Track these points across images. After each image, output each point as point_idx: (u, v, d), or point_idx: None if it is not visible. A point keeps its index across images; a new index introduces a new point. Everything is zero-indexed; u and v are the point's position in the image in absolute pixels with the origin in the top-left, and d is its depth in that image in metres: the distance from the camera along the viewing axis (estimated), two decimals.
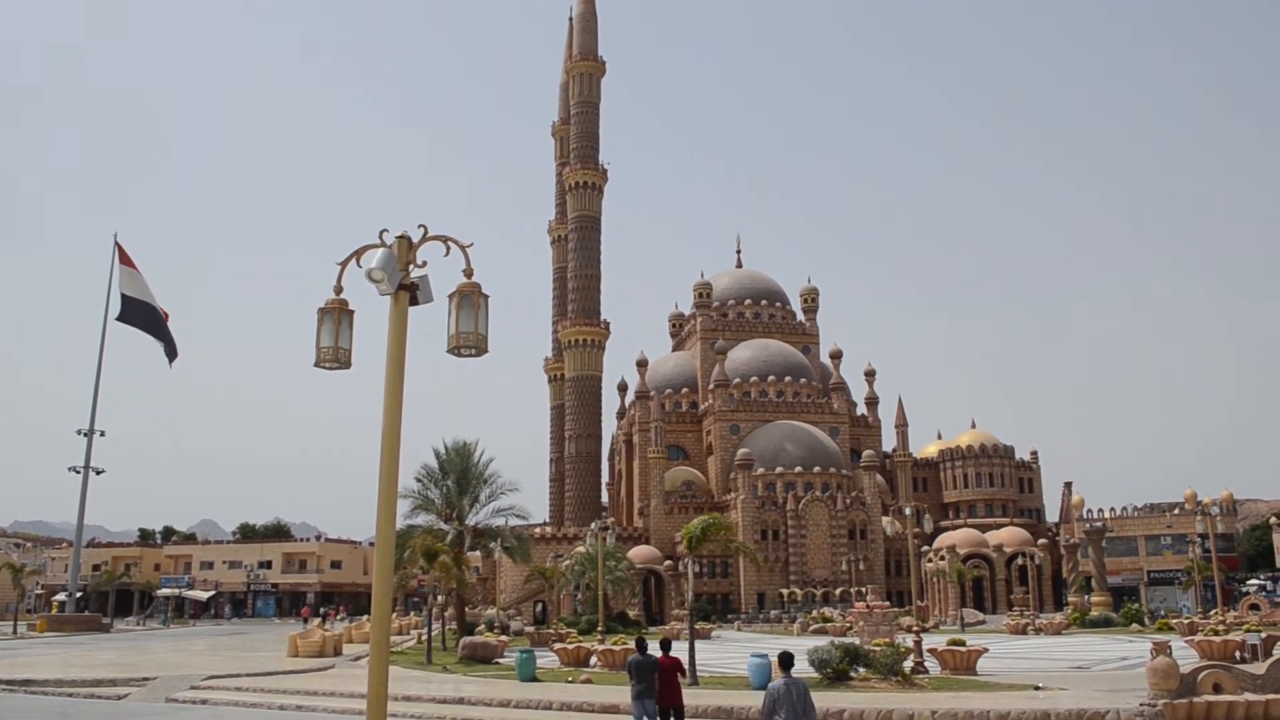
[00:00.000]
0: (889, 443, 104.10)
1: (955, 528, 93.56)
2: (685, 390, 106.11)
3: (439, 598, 49.78)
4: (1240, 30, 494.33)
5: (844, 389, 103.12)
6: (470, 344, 8.73)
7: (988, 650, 30.75)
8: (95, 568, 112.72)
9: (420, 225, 8.92)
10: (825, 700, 21.08)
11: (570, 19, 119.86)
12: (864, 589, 77.32)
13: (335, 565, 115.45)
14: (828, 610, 68.84)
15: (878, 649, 25.94)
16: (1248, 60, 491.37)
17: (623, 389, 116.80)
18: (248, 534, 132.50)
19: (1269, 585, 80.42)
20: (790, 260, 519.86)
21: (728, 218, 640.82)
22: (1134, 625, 55.38)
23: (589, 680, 27.59)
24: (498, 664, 34.81)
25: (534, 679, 28.09)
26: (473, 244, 8.99)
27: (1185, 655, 28.34)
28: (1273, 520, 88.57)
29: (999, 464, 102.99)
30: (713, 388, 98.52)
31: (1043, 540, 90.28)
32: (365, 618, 70.70)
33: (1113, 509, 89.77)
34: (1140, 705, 18.42)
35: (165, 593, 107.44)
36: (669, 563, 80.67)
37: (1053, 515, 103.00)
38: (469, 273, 8.89)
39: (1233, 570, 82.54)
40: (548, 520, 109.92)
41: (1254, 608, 55.81)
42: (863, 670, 25.07)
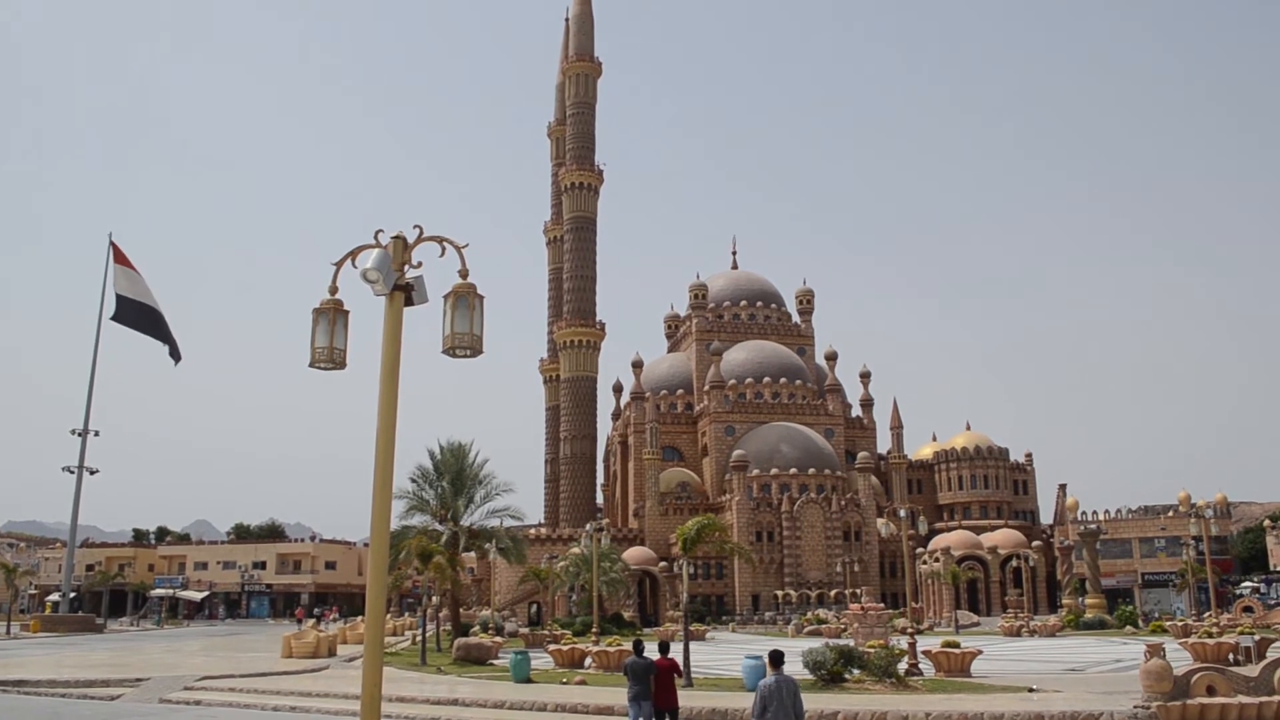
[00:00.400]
0: (884, 444, 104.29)
1: (950, 529, 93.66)
2: (680, 391, 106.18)
3: (434, 599, 49.77)
4: (1238, 26, 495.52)
5: (839, 391, 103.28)
6: (465, 345, 8.72)
7: (982, 652, 30.79)
8: (89, 568, 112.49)
9: (416, 226, 8.91)
10: (820, 702, 21.08)
11: (566, 20, 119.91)
12: (859, 591, 77.41)
13: (330, 566, 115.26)
14: (822, 612, 68.92)
15: (872, 651, 25.94)
16: (1246, 56, 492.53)
17: (618, 390, 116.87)
18: (242, 534, 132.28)
19: (1263, 588, 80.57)
20: (785, 262, 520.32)
21: (723, 219, 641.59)
22: (1128, 627, 55.49)
23: (583, 682, 27.56)
24: (492, 665, 34.76)
25: (528, 680, 28.06)
26: (468, 244, 8.98)
27: (1179, 658, 28.37)
28: (1266, 523, 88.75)
29: (994, 466, 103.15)
30: (708, 389, 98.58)
31: (1037, 542, 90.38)
32: (360, 618, 70.67)
33: (1107, 511, 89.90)
34: (1134, 707, 18.43)
35: (159, 593, 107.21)
36: (664, 564, 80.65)
37: (1047, 517, 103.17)
38: (464, 273, 8.88)
39: (1226, 573, 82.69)
40: (543, 521, 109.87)
41: (1248, 610, 55.92)
42: (857, 672, 25.08)
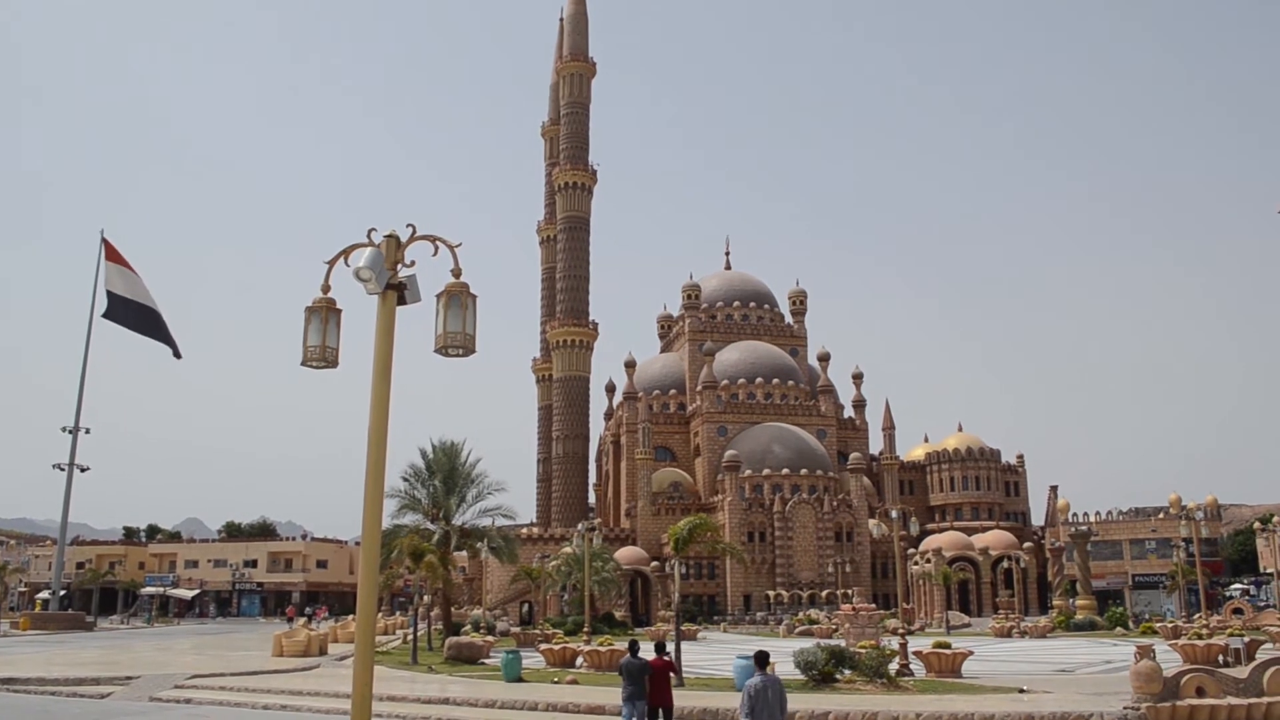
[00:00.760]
0: (876, 445, 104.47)
1: (941, 530, 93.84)
2: (673, 391, 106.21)
3: (425, 598, 49.68)
4: (1238, 26, 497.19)
5: (831, 391, 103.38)
6: (458, 344, 8.71)
7: (973, 653, 30.85)
8: (79, 566, 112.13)
9: (409, 225, 8.91)
10: (810, 702, 21.12)
11: (561, 20, 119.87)
12: (850, 591, 77.52)
13: (321, 565, 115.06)
14: (814, 612, 69.00)
15: (863, 651, 25.98)
16: (1246, 56, 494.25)
17: (611, 390, 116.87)
18: (233, 533, 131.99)
19: (1252, 589, 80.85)
20: (779, 262, 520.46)
21: (717, 219, 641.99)
22: (1118, 629, 55.59)
23: (575, 681, 27.55)
24: (483, 664, 34.74)
25: (519, 680, 28.04)
26: (461, 244, 8.98)
27: (1169, 659, 28.46)
28: (1256, 525, 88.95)
29: (985, 467, 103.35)
30: (701, 389, 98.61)
31: (1028, 543, 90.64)
32: (351, 617, 70.56)
33: (1098, 513, 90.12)
34: (1124, 708, 18.49)
35: (149, 591, 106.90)
36: (656, 564, 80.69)
37: (1038, 519, 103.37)
38: (457, 272, 8.88)
39: (1216, 574, 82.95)
40: (534, 521, 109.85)
41: (1237, 612, 56.08)
42: (848, 672, 25.11)
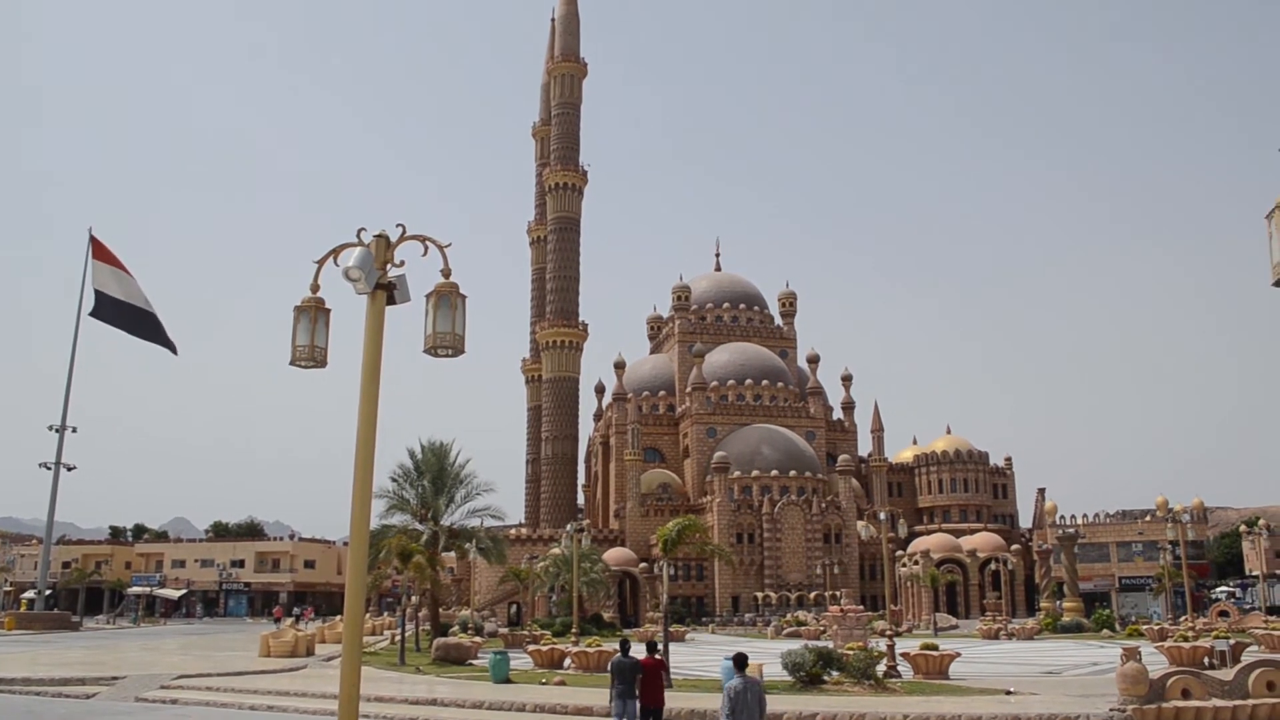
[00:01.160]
0: (865, 447, 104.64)
1: (929, 532, 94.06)
2: (662, 393, 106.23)
3: (413, 598, 49.61)
4: (1222, 17, 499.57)
5: (821, 393, 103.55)
6: (447, 344, 8.72)
7: (960, 655, 30.93)
8: (65, 565, 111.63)
9: (398, 224, 8.90)
10: (798, 704, 21.15)
11: (552, 20, 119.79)
12: (838, 593, 77.59)
13: (309, 565, 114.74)
14: (802, 613, 69.08)
15: (851, 652, 26.02)
16: (1237, 54, 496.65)
17: (600, 391, 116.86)
18: (220, 532, 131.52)
19: (1238, 592, 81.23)
20: (769, 264, 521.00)
21: (707, 221, 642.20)
22: (1105, 631, 55.77)
23: (563, 682, 27.54)
24: (471, 665, 34.68)
25: (507, 681, 28.01)
26: (451, 244, 8.98)
27: (1155, 661, 28.56)
28: (1242, 528, 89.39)
29: (973, 470, 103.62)
30: (690, 390, 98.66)
31: (1016, 546, 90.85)
32: (338, 618, 70.39)
33: (1085, 515, 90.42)
34: (1110, 710, 18.56)
35: (136, 591, 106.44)
36: (644, 565, 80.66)
37: (1026, 521, 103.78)
38: (446, 272, 8.88)
39: (1203, 577, 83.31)
40: (523, 521, 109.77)
41: (1223, 614, 56.32)
42: (836, 674, 25.15)
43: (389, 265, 8.66)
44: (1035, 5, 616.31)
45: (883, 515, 40.44)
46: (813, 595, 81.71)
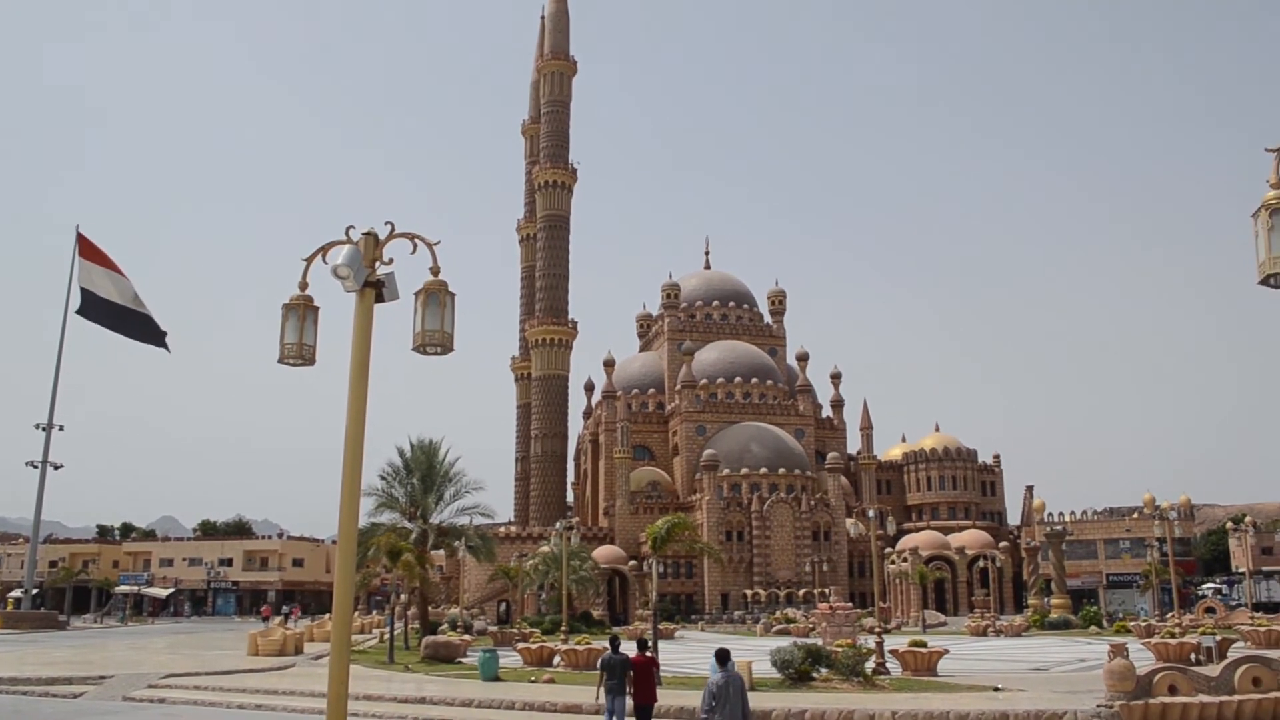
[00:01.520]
0: (854, 445, 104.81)
1: (918, 530, 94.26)
2: (652, 391, 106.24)
3: (402, 596, 49.58)
4: (1222, 16, 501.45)
5: (810, 391, 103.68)
6: (436, 342, 8.71)
7: (948, 651, 31.03)
8: (52, 564, 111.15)
9: (387, 222, 8.88)
10: (787, 701, 21.20)
11: (542, 17, 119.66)
12: (827, 590, 77.76)
13: (297, 563, 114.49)
14: (791, 611, 69.16)
15: (840, 650, 26.09)
16: (1231, 46, 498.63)
17: (589, 389, 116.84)
18: (208, 531, 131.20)
19: (1224, 589, 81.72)
20: (759, 262, 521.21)
21: (697, 219, 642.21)
22: (1092, 627, 56.01)
23: (552, 680, 27.55)
24: (460, 664, 34.66)
25: (496, 679, 28.01)
26: (440, 241, 8.97)
27: (1142, 657, 28.69)
28: (1229, 525, 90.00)
29: (962, 467, 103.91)
30: (679, 388, 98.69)
31: (1004, 543, 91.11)
32: (327, 616, 70.25)
33: (1073, 513, 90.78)
34: (1097, 706, 18.63)
35: (123, 590, 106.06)
36: (633, 563, 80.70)
37: (1014, 518, 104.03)
38: (435, 270, 8.87)
39: (1189, 574, 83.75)
40: (513, 519, 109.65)
41: (1210, 611, 56.61)
42: (825, 671, 25.20)
43: (378, 263, 8.64)
44: (1032, 3, 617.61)
45: (871, 513, 40.55)
46: (802, 593, 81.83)
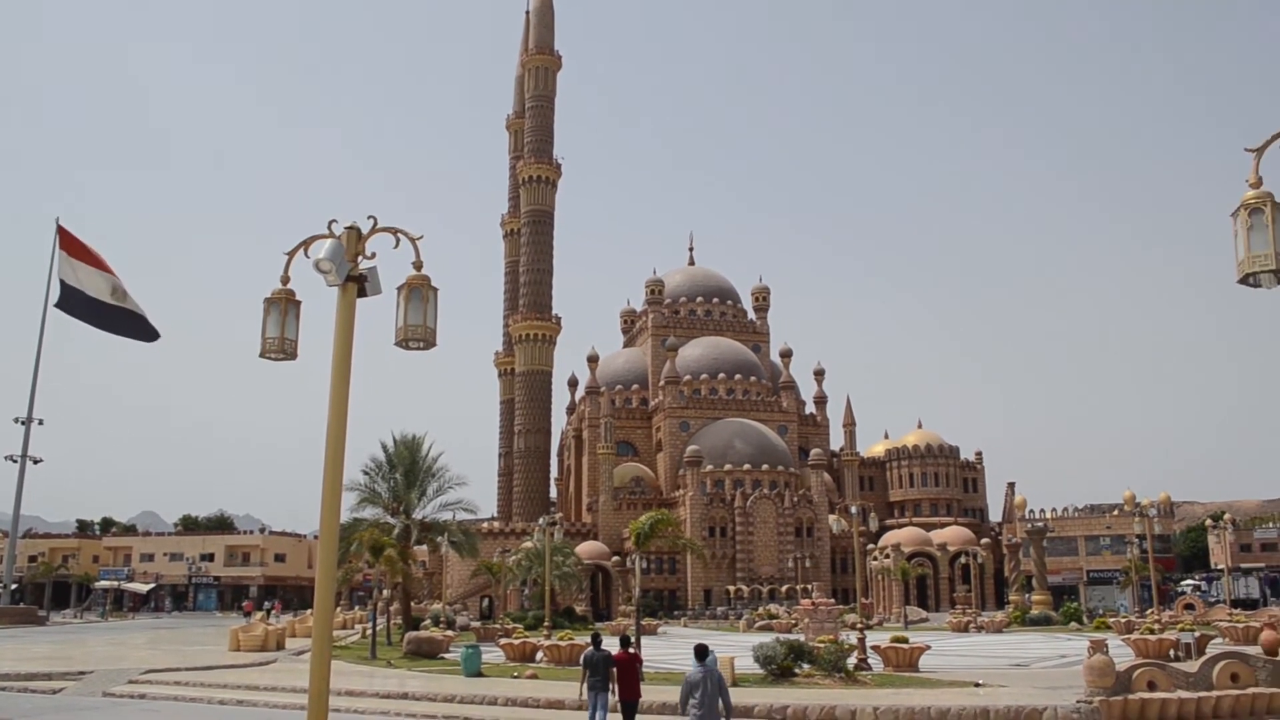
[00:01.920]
0: (837, 441, 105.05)
1: (900, 526, 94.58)
2: (636, 387, 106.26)
3: (384, 592, 49.47)
4: (1208, 9, 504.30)
5: (793, 388, 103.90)
6: (419, 337, 8.69)
7: (930, 647, 31.17)
8: (31, 559, 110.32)
9: (370, 216, 8.85)
10: (769, 696, 21.25)
11: (527, 12, 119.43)
12: (810, 586, 77.97)
13: (279, 558, 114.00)
14: (774, 607, 69.32)
15: (822, 646, 26.15)
16: (1230, 41, 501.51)
17: (573, 384, 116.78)
18: (190, 526, 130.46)
19: (1203, 585, 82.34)
20: (742, 259, 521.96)
21: (681, 215, 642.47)
22: (1073, 624, 56.30)
23: (534, 676, 27.53)
24: (443, 659, 34.61)
25: (479, 674, 27.97)
26: (423, 236, 8.94)
27: (1122, 653, 28.90)
28: (1208, 522, 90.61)
29: (944, 464, 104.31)
30: (663, 384, 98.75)
31: (985, 539, 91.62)
32: (309, 612, 70.02)
33: (1054, 509, 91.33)
34: (1077, 702, 18.73)
35: (104, 585, 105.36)
36: (617, 559, 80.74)
37: (996, 515, 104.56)
38: (418, 265, 8.84)
39: (1169, 571, 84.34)
40: (496, 515, 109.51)
41: (1189, 607, 57.00)
42: (807, 666, 25.26)
43: (360, 257, 8.61)
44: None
45: (854, 509, 40.70)
46: (784, 589, 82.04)
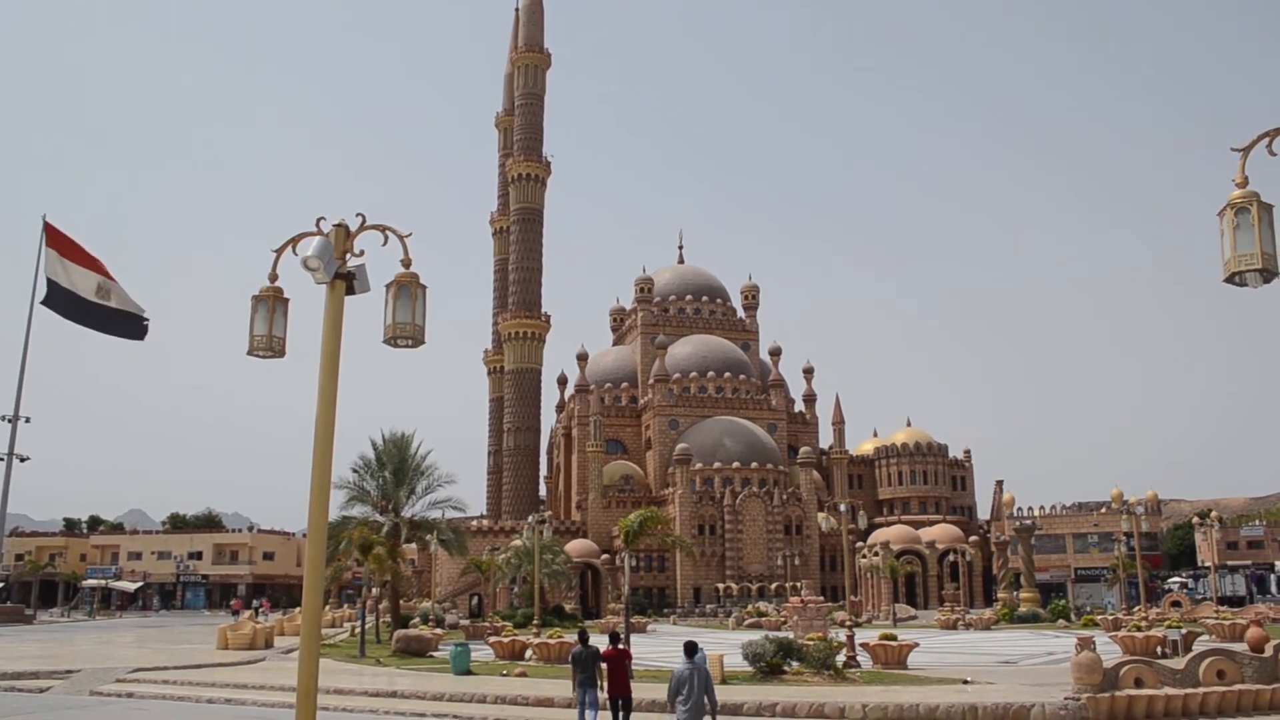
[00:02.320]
0: (826, 439, 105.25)
1: (889, 524, 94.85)
2: (625, 385, 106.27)
3: (373, 590, 49.39)
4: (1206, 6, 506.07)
5: (782, 386, 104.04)
6: (407, 334, 8.68)
7: (919, 645, 31.28)
8: (18, 558, 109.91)
9: (358, 214, 8.83)
10: (758, 694, 21.29)
11: (516, 9, 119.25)
12: (799, 584, 78.08)
13: (268, 556, 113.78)
14: (763, 605, 69.43)
15: (811, 643, 26.22)
16: (1209, 35, 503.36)
17: (562, 382, 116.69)
18: (178, 524, 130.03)
19: (1190, 583, 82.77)
20: (731, 256, 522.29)
21: (671, 213, 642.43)
22: (1060, 621, 56.53)
23: (524, 674, 27.52)
24: (432, 657, 34.61)
25: (468, 672, 27.96)
26: (411, 234, 8.93)
27: (1109, 650, 29.05)
28: (1195, 520, 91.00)
29: (933, 462, 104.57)
30: (652, 382, 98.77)
31: (974, 537, 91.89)
32: (297, 610, 69.89)
33: (1042, 507, 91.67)
34: (1064, 699, 18.82)
35: (91, 584, 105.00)
36: (606, 556, 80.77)
37: (984, 513, 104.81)
38: (407, 263, 8.83)
39: (1156, 568, 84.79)
40: (485, 513, 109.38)
41: (1175, 604, 57.27)
42: (796, 664, 25.33)
43: (348, 255, 8.59)
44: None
45: (843, 507, 40.86)
46: (773, 586, 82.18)
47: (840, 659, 26.26)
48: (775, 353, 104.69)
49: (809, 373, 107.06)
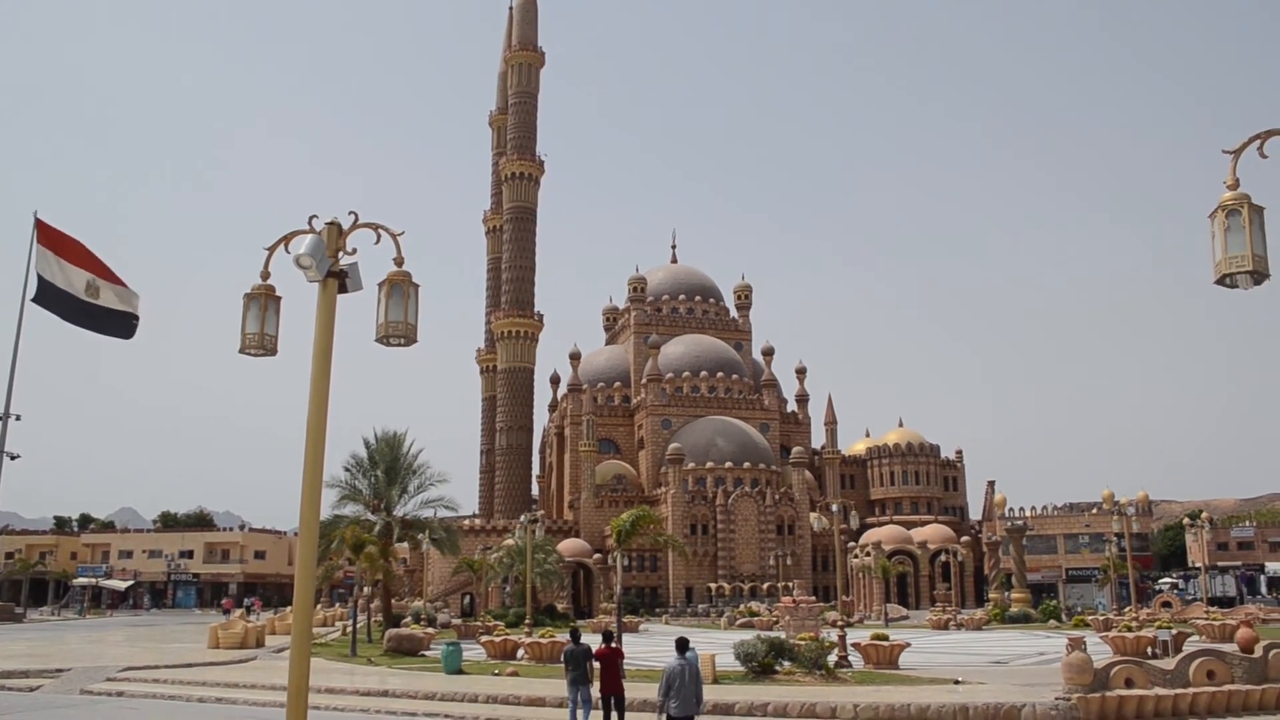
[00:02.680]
0: (818, 439, 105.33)
1: (881, 524, 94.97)
2: (618, 384, 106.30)
3: (365, 589, 49.34)
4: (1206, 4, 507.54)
5: (775, 386, 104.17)
6: (399, 333, 8.67)
7: (910, 645, 31.33)
8: (8, 556, 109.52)
9: (351, 212, 8.82)
10: (750, 693, 21.31)
11: (510, 8, 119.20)
12: (791, 584, 78.12)
13: (259, 555, 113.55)
14: (755, 604, 69.50)
15: (803, 643, 26.25)
16: (1207, 35, 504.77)
17: (555, 382, 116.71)
18: (169, 523, 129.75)
19: (1181, 583, 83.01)
20: (724, 256, 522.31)
21: (664, 213, 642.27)
22: (1051, 621, 56.67)
23: (515, 673, 27.50)
24: (424, 657, 34.57)
25: (460, 672, 27.93)
26: (404, 232, 8.92)
27: (1100, 651, 29.12)
28: (1185, 521, 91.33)
29: (925, 462, 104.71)
30: (645, 382, 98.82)
31: (965, 537, 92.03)
32: (289, 609, 69.74)
33: (1033, 508, 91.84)
34: (1055, 699, 18.86)
35: (82, 582, 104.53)
36: (598, 556, 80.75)
37: (976, 513, 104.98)
38: (399, 261, 8.82)
39: (1147, 569, 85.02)
40: (477, 512, 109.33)
41: (1166, 605, 57.49)
42: (788, 664, 25.35)
43: (341, 253, 8.58)
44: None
45: (835, 507, 40.89)
46: (765, 586, 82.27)
47: (832, 659, 26.30)
48: (768, 353, 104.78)
49: (801, 373, 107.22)
